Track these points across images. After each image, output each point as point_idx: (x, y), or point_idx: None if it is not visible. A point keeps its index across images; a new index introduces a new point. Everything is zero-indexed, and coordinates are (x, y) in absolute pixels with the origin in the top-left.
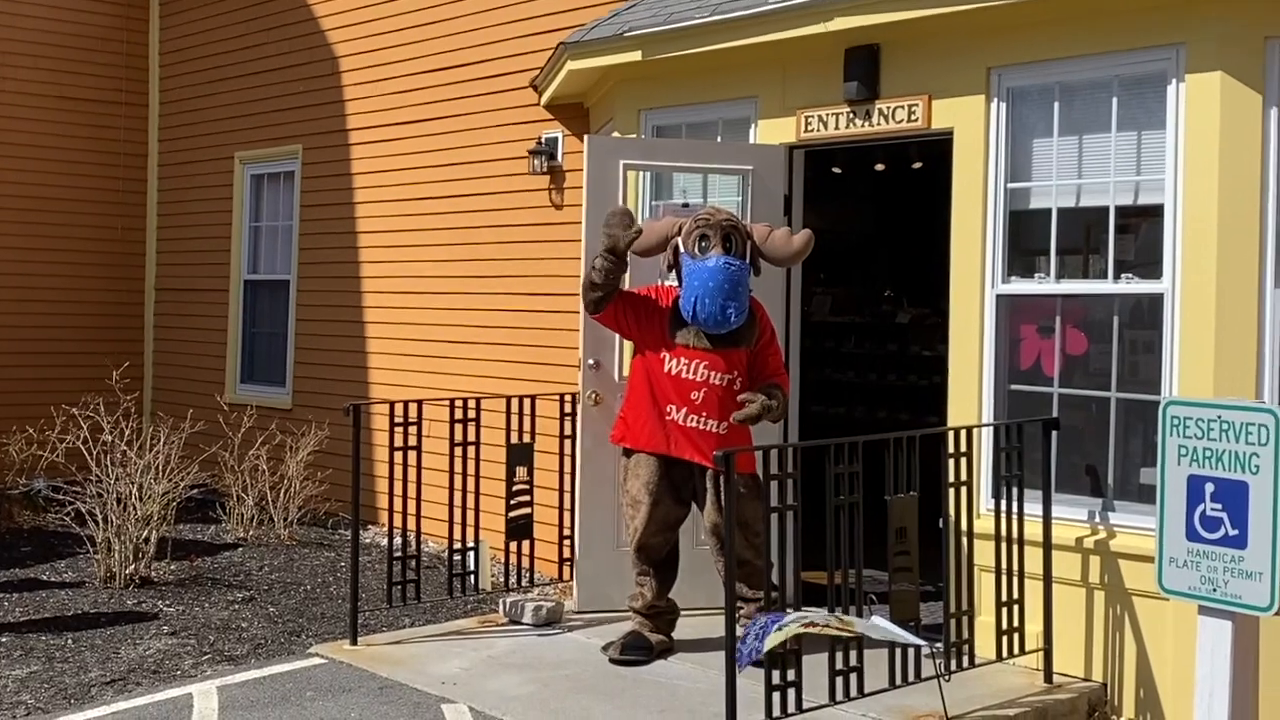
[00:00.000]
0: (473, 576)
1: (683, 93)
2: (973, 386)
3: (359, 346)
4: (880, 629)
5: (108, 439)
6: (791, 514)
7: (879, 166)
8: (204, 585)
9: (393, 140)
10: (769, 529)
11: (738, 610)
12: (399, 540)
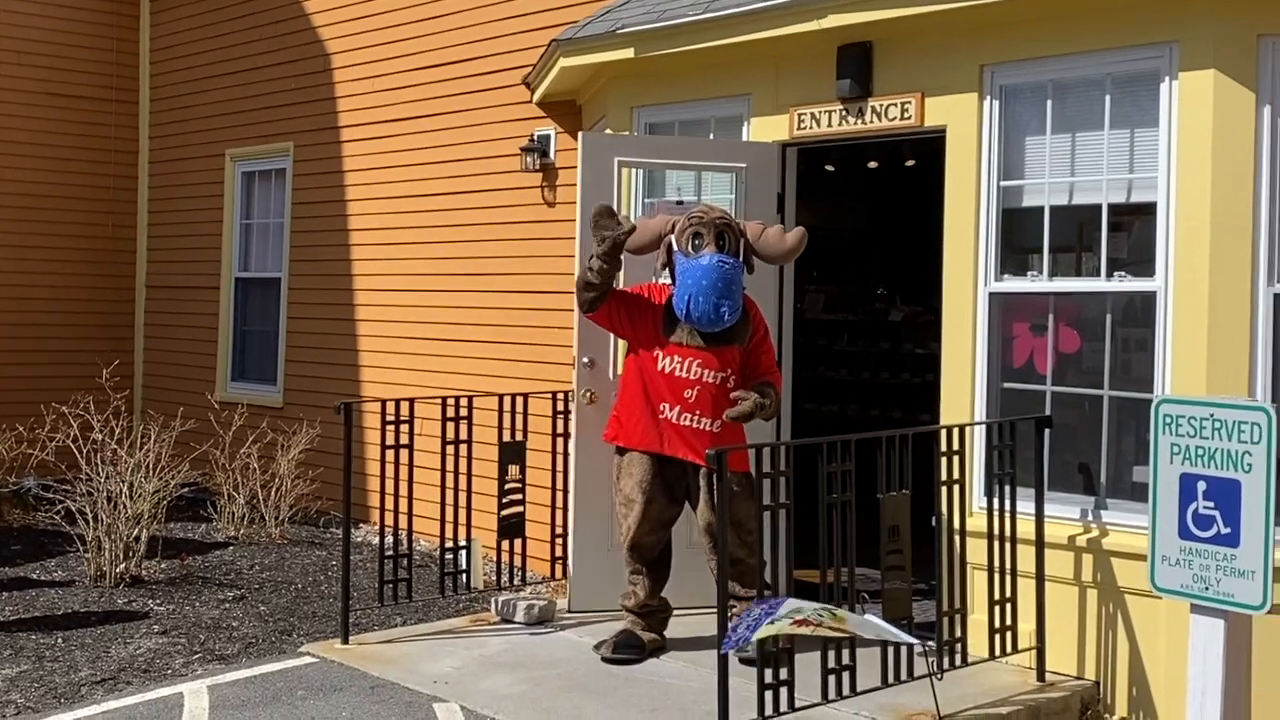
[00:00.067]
0: (465, 575)
1: (675, 90)
2: (965, 384)
3: (350, 345)
4: (873, 626)
5: (98, 437)
6: (784, 512)
7: (872, 164)
8: (195, 584)
9: (385, 138)
10: (762, 527)
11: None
12: (391, 539)
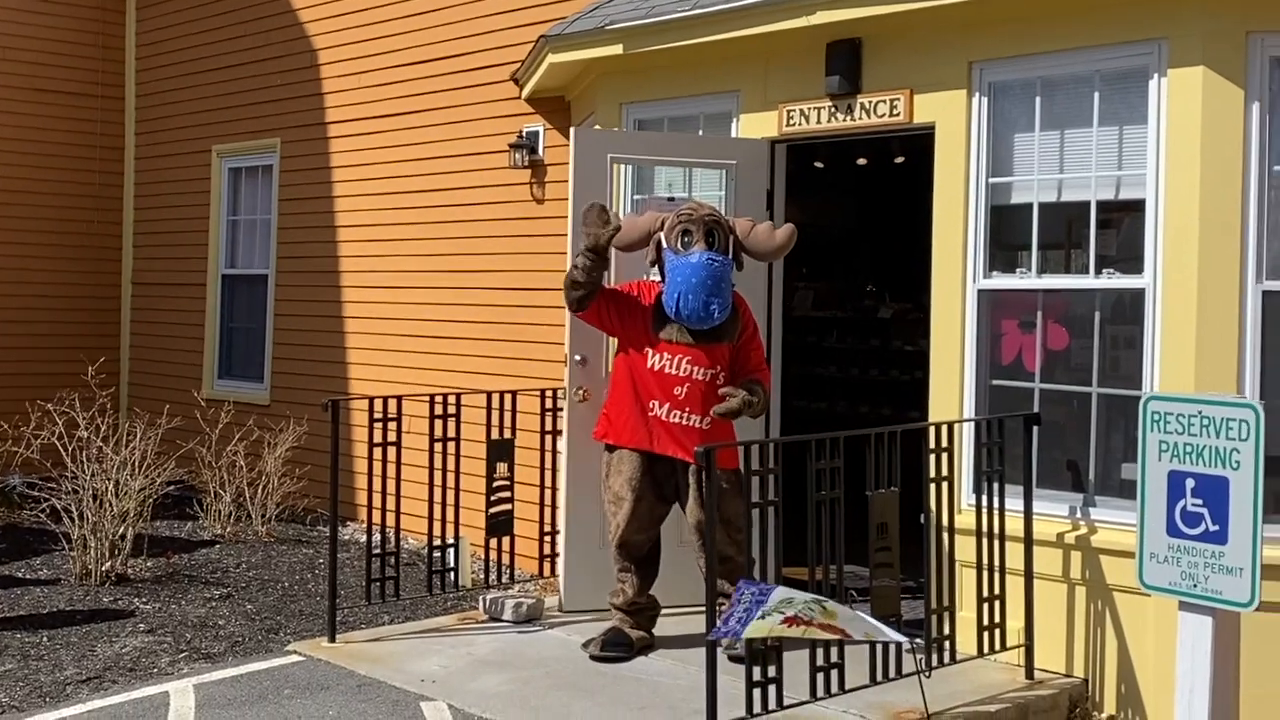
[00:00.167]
0: (452, 573)
1: (664, 87)
2: (954, 382)
3: (338, 342)
4: (862, 625)
5: (84, 434)
6: (773, 510)
7: (861, 161)
8: (181, 582)
9: (373, 134)
10: (751, 525)
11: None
12: (378, 537)
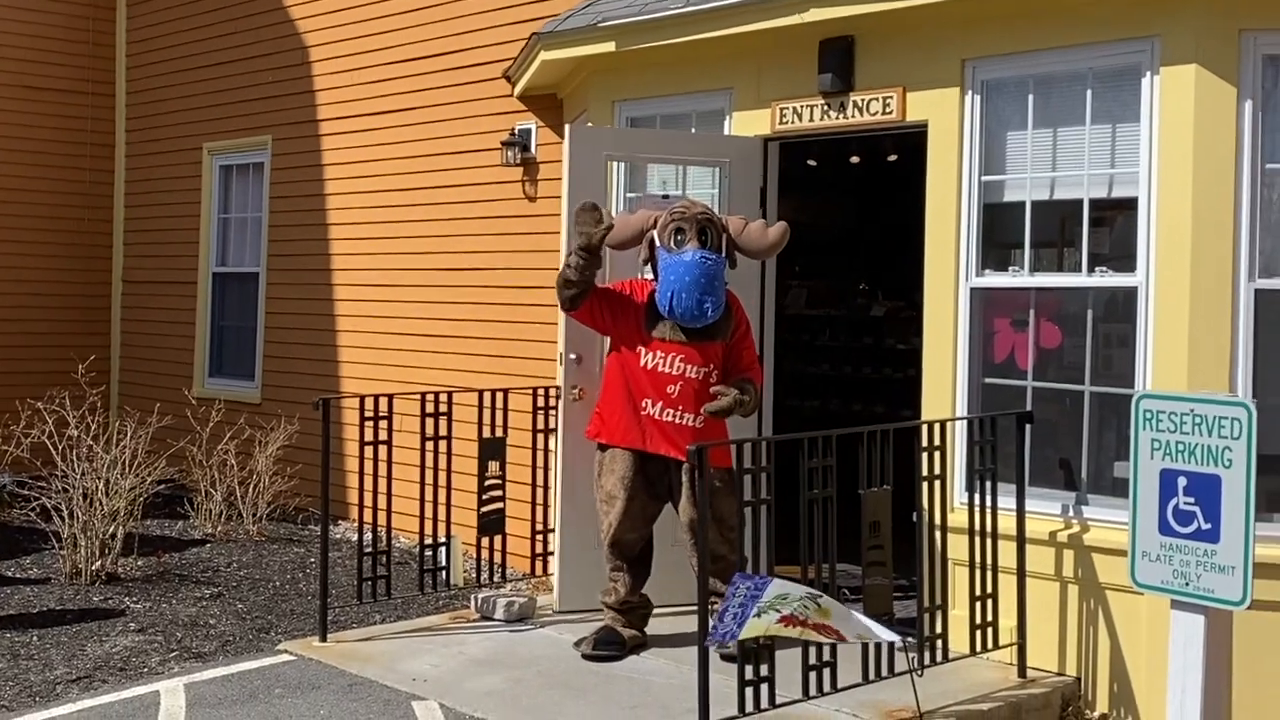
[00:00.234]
0: (444, 572)
1: (657, 84)
2: (947, 380)
3: (329, 340)
4: (855, 626)
5: (74, 433)
6: (765, 508)
7: (854, 159)
8: (171, 582)
9: (364, 131)
10: (743, 523)
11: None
12: (370, 536)
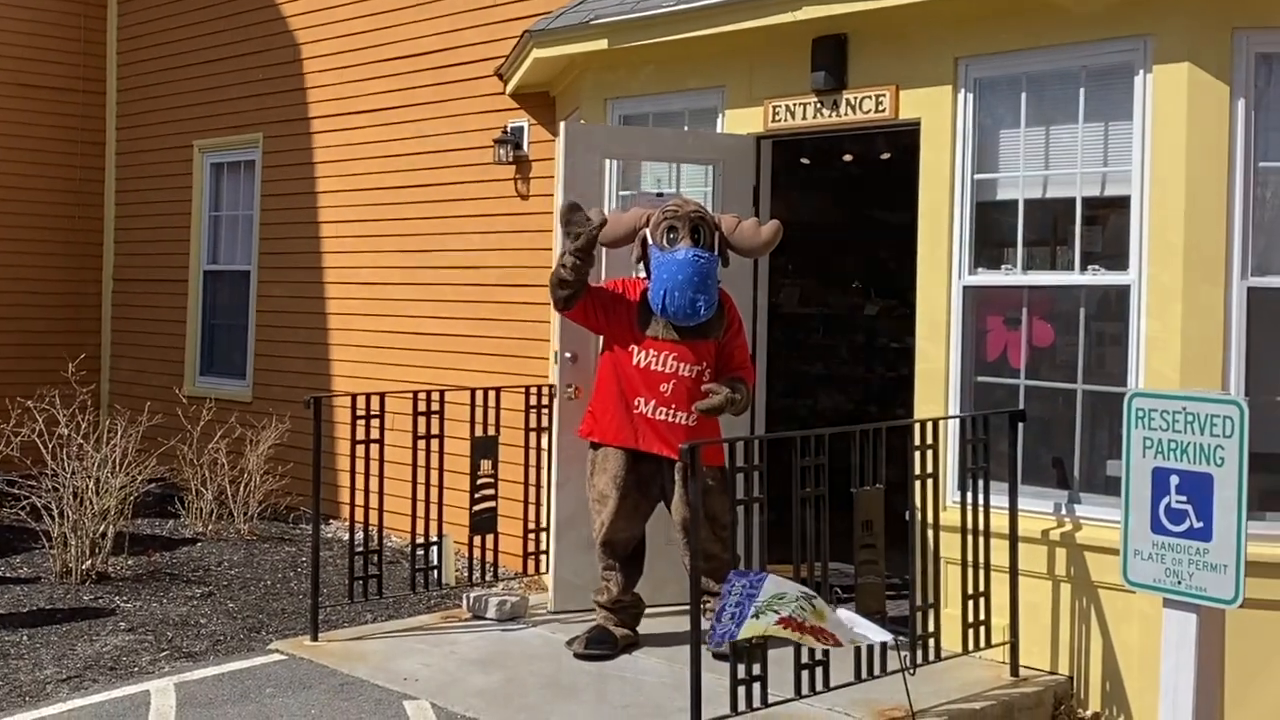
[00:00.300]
0: (436, 571)
1: (649, 82)
2: (939, 378)
3: (321, 338)
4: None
5: (64, 432)
6: (757, 507)
7: (847, 157)
8: (162, 581)
9: (356, 129)
10: (736, 522)
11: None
12: (361, 535)
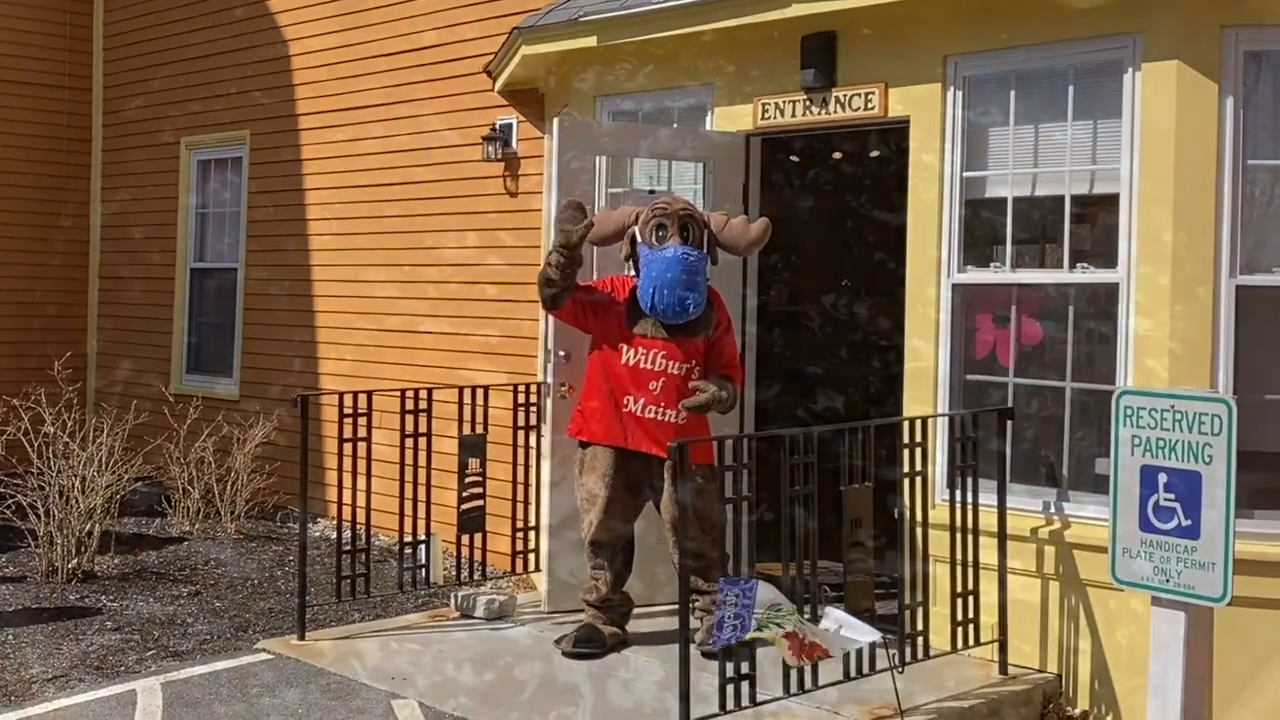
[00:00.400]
0: (424, 570)
1: (639, 79)
2: (928, 376)
3: (308, 336)
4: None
5: (50, 430)
6: (745, 505)
7: (837, 155)
8: (148, 580)
9: (343, 126)
10: (725, 520)
11: (693, 603)
12: (348, 533)
